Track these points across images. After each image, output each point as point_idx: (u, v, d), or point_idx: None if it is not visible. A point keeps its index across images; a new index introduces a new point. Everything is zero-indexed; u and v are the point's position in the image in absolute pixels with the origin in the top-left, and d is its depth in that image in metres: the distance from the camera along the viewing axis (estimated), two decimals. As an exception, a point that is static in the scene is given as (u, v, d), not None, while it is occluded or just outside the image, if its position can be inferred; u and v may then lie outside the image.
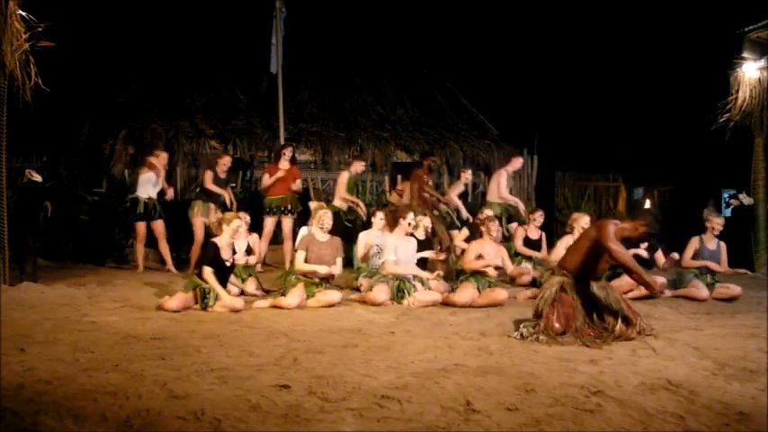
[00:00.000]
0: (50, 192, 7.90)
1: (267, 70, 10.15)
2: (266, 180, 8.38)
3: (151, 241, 8.24)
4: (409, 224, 6.37)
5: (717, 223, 6.70)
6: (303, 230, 7.10)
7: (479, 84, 14.75)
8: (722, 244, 6.77)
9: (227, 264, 5.70)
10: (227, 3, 12.96)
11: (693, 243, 6.75)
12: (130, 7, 12.65)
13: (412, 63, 13.96)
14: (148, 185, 8.03)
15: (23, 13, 6.14)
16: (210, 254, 5.62)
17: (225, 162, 8.40)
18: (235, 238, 5.83)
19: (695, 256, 6.67)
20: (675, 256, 6.72)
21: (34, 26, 6.15)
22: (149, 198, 8.02)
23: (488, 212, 7.35)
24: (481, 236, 6.37)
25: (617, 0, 16.14)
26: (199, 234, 7.98)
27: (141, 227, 8.03)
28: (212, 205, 8.11)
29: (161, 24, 12.44)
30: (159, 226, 8.06)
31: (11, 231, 6.33)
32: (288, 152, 8.51)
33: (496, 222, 6.44)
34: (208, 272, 5.51)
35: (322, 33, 13.31)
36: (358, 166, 8.85)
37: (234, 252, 5.88)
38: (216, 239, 5.71)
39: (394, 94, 12.86)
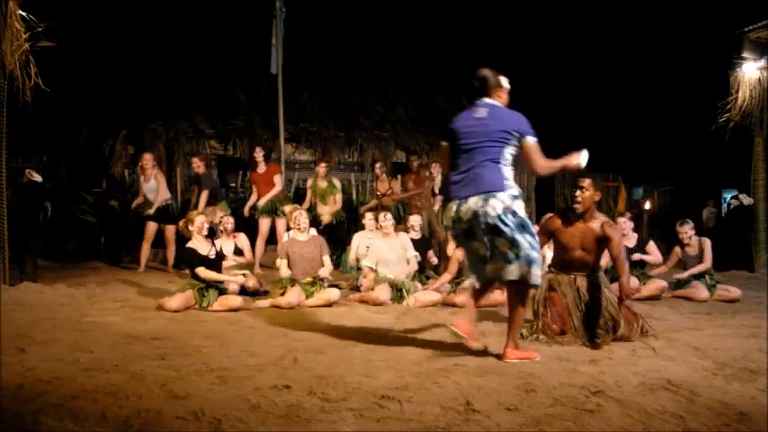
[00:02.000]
0: (50, 192, 7.91)
1: (267, 71, 10.16)
2: (252, 197, 8.47)
3: (158, 243, 8.28)
4: (382, 226, 6.42)
5: (682, 232, 6.71)
6: (284, 237, 7.09)
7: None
8: (704, 240, 6.75)
9: (212, 257, 5.76)
10: (228, 3, 12.95)
11: (676, 254, 6.80)
12: (131, 8, 12.65)
13: (412, 63, 13.96)
14: (148, 191, 8.10)
15: (23, 13, 6.14)
16: (191, 258, 5.70)
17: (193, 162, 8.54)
18: (201, 233, 5.82)
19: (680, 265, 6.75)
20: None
21: (34, 26, 6.15)
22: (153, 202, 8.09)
23: None
24: None
25: (618, 1, 16.14)
26: None
27: (150, 227, 8.07)
28: (209, 208, 8.14)
29: (161, 25, 12.43)
30: (170, 231, 8.10)
31: (11, 231, 6.34)
32: (258, 156, 8.55)
33: None
34: (201, 270, 5.61)
35: (322, 33, 13.30)
36: (320, 169, 8.80)
37: (214, 245, 5.90)
38: (189, 243, 5.78)
39: (394, 93, 12.86)
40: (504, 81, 3.67)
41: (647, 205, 14.73)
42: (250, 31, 11.79)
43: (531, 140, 3.54)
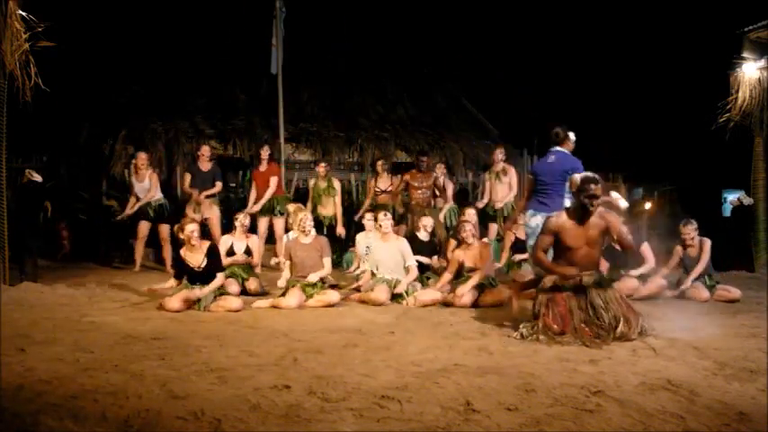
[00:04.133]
0: (50, 192, 7.91)
1: (267, 71, 10.15)
2: (252, 195, 8.53)
3: (154, 242, 8.28)
4: (380, 225, 6.31)
5: (685, 233, 6.65)
6: (285, 239, 7.07)
7: (479, 84, 14.74)
8: (704, 240, 6.68)
9: (198, 269, 5.65)
10: (227, 3, 12.95)
11: (677, 253, 6.70)
12: (131, 8, 12.64)
13: (412, 63, 13.95)
14: (141, 191, 8.09)
15: (23, 13, 6.14)
16: (179, 270, 5.74)
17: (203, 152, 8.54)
18: (191, 241, 5.70)
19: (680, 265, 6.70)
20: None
21: (34, 26, 6.15)
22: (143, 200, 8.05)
23: (464, 217, 7.23)
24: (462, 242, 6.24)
25: (618, 0, 16.13)
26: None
27: (142, 226, 8.06)
28: (206, 201, 8.16)
29: (161, 25, 12.42)
30: (164, 230, 8.08)
31: (11, 231, 6.34)
32: (263, 153, 8.56)
33: (466, 226, 6.21)
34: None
35: (322, 33, 13.29)
36: (320, 169, 8.86)
37: (207, 254, 5.79)
38: (181, 252, 5.76)
39: (394, 93, 12.84)
40: (572, 135, 5.44)
41: (648, 205, 14.70)
42: (250, 31, 11.78)
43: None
